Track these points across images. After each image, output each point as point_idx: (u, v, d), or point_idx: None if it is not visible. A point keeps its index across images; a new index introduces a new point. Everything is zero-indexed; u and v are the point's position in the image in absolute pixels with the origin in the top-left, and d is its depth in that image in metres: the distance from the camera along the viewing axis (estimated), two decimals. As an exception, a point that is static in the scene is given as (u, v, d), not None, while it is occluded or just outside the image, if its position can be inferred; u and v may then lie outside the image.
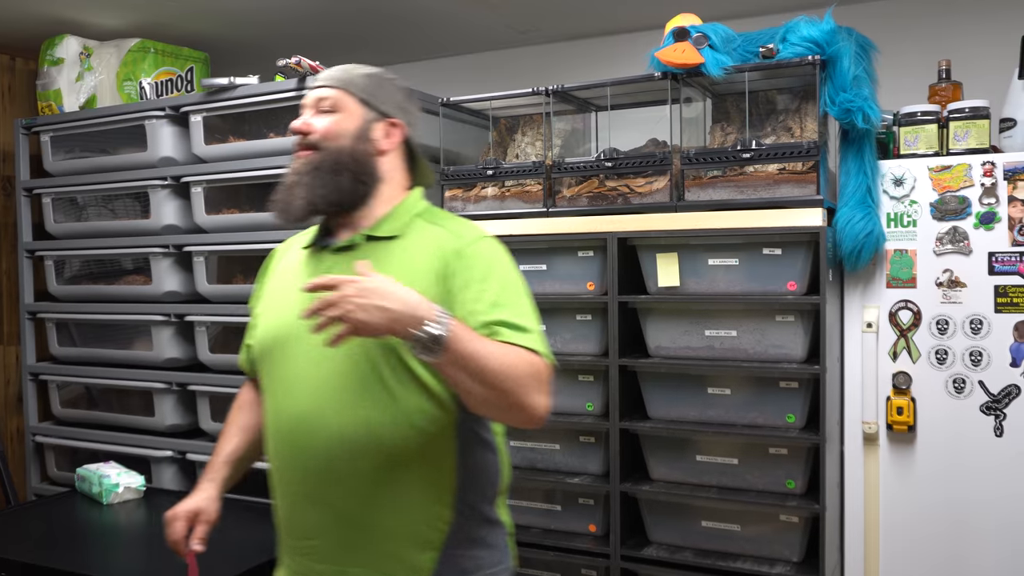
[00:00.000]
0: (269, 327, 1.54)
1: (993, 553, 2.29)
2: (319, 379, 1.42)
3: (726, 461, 2.43)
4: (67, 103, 3.37)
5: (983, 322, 2.29)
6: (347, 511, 1.41)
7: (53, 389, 3.39)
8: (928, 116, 2.40)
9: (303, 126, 1.54)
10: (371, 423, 1.39)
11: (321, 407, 1.41)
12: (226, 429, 1.70)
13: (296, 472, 1.45)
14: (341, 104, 1.54)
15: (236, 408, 1.72)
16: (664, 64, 2.41)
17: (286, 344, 1.47)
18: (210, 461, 1.68)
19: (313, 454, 1.42)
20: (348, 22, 3.31)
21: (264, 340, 1.54)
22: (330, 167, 1.50)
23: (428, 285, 1.40)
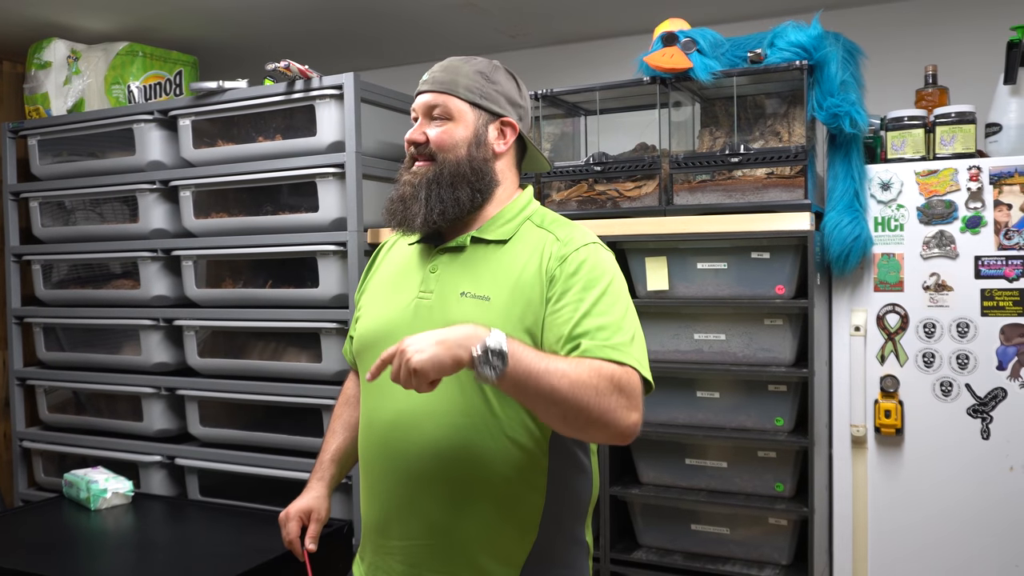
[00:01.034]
0: (371, 322, 1.52)
1: (981, 555, 2.30)
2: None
3: (715, 464, 2.44)
4: (55, 107, 3.35)
5: (970, 325, 2.30)
6: (433, 518, 1.40)
7: (41, 394, 3.37)
8: (915, 121, 2.41)
9: (417, 135, 1.49)
10: (466, 432, 1.37)
11: (416, 412, 1.40)
12: (332, 425, 1.72)
13: (387, 474, 1.44)
14: (453, 110, 1.48)
15: (341, 403, 1.74)
16: (653, 69, 2.42)
17: (386, 341, 1.37)
18: (318, 459, 1.70)
19: (405, 458, 1.41)
20: (337, 26, 3.31)
21: (365, 335, 1.52)
22: (449, 180, 1.46)
23: (530, 291, 1.39)
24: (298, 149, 2.75)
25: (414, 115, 1.54)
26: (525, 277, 1.41)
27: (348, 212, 2.67)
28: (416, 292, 1.48)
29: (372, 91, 2.76)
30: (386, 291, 1.55)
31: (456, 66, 1.52)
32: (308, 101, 2.71)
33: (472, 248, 1.48)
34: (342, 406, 1.74)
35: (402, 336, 1.25)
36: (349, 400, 1.73)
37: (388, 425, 1.44)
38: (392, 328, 1.45)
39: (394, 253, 1.61)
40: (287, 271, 2.86)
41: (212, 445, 2.98)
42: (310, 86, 2.69)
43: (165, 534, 2.55)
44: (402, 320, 1.45)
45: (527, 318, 1.38)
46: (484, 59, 1.56)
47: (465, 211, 1.47)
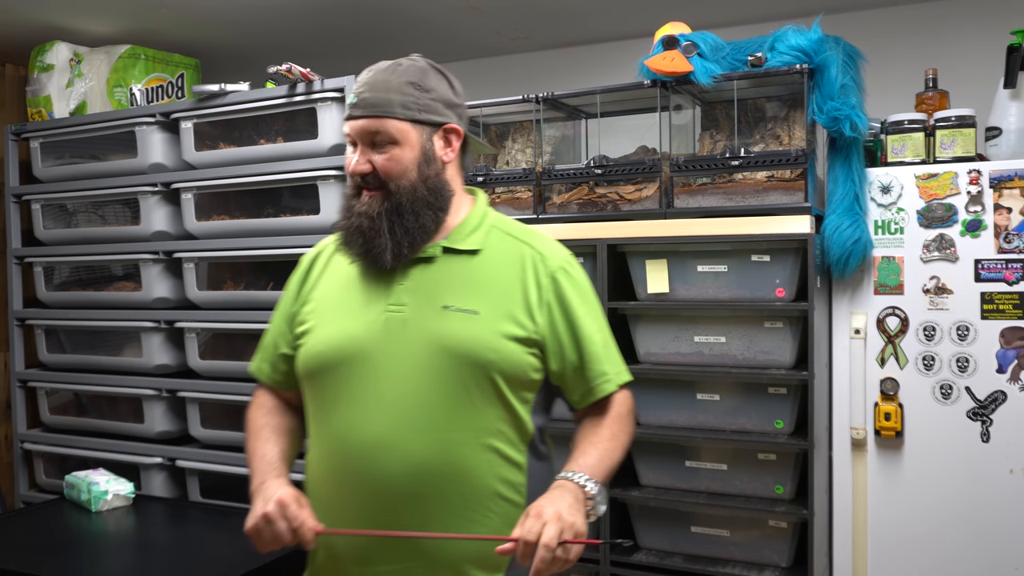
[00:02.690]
0: (331, 339, 1.42)
1: (980, 558, 2.30)
2: (401, 400, 1.36)
3: (715, 467, 2.44)
4: (57, 109, 3.36)
5: (969, 328, 2.30)
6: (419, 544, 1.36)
7: (42, 396, 3.37)
8: (915, 124, 2.42)
9: (363, 166, 1.41)
10: (453, 447, 1.36)
11: (400, 431, 1.35)
12: (260, 432, 1.52)
13: (367, 498, 1.36)
14: (394, 132, 1.40)
15: (264, 412, 1.56)
16: (654, 72, 2.42)
17: (357, 361, 1.37)
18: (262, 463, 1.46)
19: (387, 479, 1.35)
20: (339, 30, 3.32)
21: (325, 353, 1.42)
22: (409, 208, 1.41)
23: (515, 305, 1.42)
24: (300, 152, 2.75)
25: (349, 139, 1.43)
26: (511, 291, 1.43)
27: (349, 214, 2.67)
28: (384, 305, 1.41)
29: (373, 94, 2.76)
30: (341, 304, 1.46)
31: (385, 81, 1.41)
32: (310, 104, 2.72)
33: (444, 258, 1.45)
34: (266, 415, 1.56)
35: (374, 353, 1.36)
36: (273, 409, 1.57)
37: (368, 446, 1.36)
38: (361, 345, 1.39)
39: (338, 262, 1.51)
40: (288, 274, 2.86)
41: (213, 447, 2.98)
42: (311, 89, 2.70)
43: (166, 536, 2.55)
44: (371, 335, 1.39)
45: (512, 329, 1.41)
46: (410, 63, 1.45)
47: (431, 234, 1.44)
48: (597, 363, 1.47)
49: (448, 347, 1.37)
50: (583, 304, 1.47)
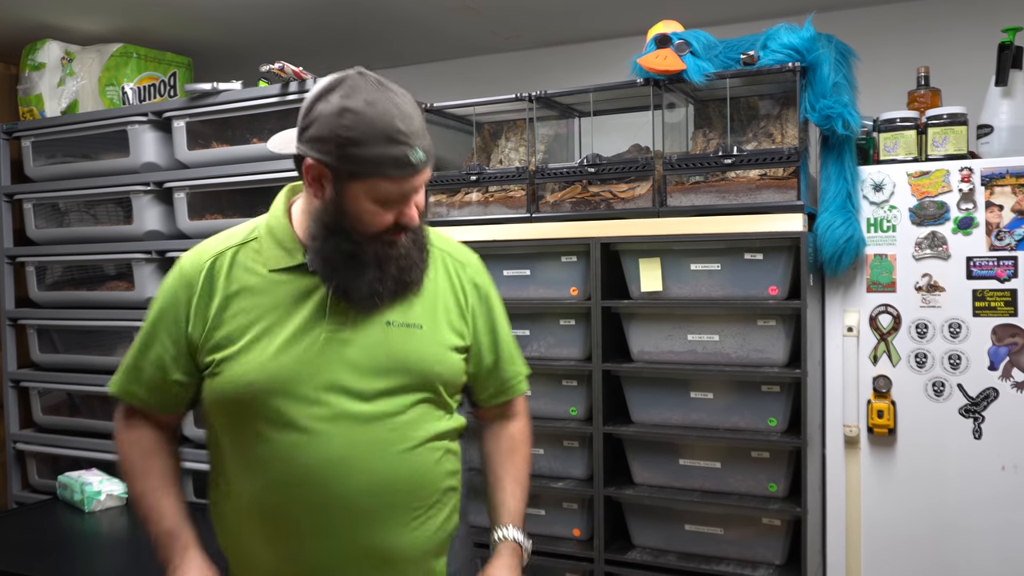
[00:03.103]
0: (269, 366, 1.33)
1: (973, 554, 2.31)
2: (355, 414, 1.33)
3: (709, 465, 2.44)
4: (49, 108, 3.35)
5: (961, 326, 2.31)
6: (381, 543, 1.36)
7: (34, 396, 3.36)
8: (907, 122, 2.42)
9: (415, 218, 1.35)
10: (412, 457, 1.38)
11: (358, 448, 1.33)
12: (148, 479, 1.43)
13: (325, 519, 1.33)
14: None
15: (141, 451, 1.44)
16: (646, 70, 2.42)
17: (298, 383, 1.32)
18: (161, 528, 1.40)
19: (349, 497, 1.33)
20: (332, 27, 3.31)
21: (262, 381, 1.32)
22: (424, 235, 1.42)
23: (450, 313, 1.47)
24: (292, 150, 2.74)
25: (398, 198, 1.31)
26: (445, 300, 1.47)
27: (342, 213, 2.67)
28: (323, 325, 1.34)
29: (366, 93, 2.76)
30: (271, 326, 1.35)
31: (420, 117, 1.33)
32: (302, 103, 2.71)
33: None
34: (146, 455, 1.44)
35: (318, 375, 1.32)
36: (152, 446, 1.45)
37: (325, 467, 1.32)
38: (302, 367, 1.32)
39: (243, 276, 1.38)
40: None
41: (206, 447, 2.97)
42: (304, 88, 2.70)
43: (159, 536, 2.55)
44: (311, 356, 1.33)
45: (453, 340, 1.46)
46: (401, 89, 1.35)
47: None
48: (512, 364, 1.58)
49: (395, 363, 1.37)
50: (499, 306, 1.57)
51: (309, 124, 1.29)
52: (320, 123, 1.28)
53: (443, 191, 2.79)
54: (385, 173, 1.27)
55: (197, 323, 1.38)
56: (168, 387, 1.41)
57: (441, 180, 2.75)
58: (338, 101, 1.27)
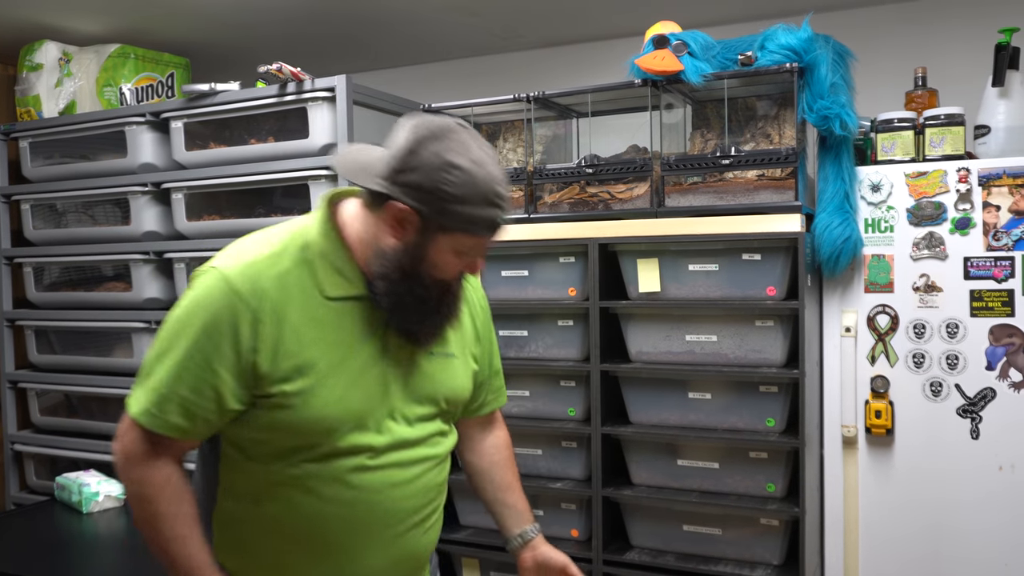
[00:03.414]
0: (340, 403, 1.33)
1: (970, 554, 2.31)
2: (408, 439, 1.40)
3: (707, 465, 2.45)
4: (46, 109, 3.35)
5: (959, 326, 2.32)
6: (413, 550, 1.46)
7: (32, 397, 3.36)
8: (904, 123, 2.43)
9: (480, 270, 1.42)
10: (445, 468, 1.51)
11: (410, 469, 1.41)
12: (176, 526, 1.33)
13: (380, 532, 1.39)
14: None
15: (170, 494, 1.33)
16: (644, 71, 2.42)
17: (366, 413, 1.35)
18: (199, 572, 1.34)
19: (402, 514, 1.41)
20: (330, 28, 3.31)
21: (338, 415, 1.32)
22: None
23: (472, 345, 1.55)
24: (290, 151, 2.75)
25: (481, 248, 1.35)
26: (466, 325, 1.54)
27: (340, 214, 2.67)
28: (382, 356, 1.37)
29: (364, 94, 2.76)
30: (338, 360, 1.33)
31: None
32: (300, 103, 2.71)
33: None
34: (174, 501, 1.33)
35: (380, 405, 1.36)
36: (183, 491, 1.35)
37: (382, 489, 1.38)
38: (370, 400, 1.36)
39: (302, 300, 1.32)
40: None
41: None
42: (302, 88, 2.70)
43: (157, 537, 2.55)
44: (377, 390, 1.37)
45: (473, 365, 1.55)
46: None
47: None
48: (498, 378, 1.66)
49: (440, 393, 1.45)
50: (492, 326, 1.64)
51: (407, 169, 1.26)
52: (422, 172, 1.25)
53: (441, 192, 2.79)
54: (475, 232, 1.30)
55: (263, 351, 1.28)
56: (222, 415, 1.31)
57: (439, 181, 2.75)
58: (444, 154, 1.25)
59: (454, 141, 1.27)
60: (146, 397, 1.31)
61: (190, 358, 1.28)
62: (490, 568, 2.69)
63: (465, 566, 2.72)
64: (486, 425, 1.68)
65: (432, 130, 1.27)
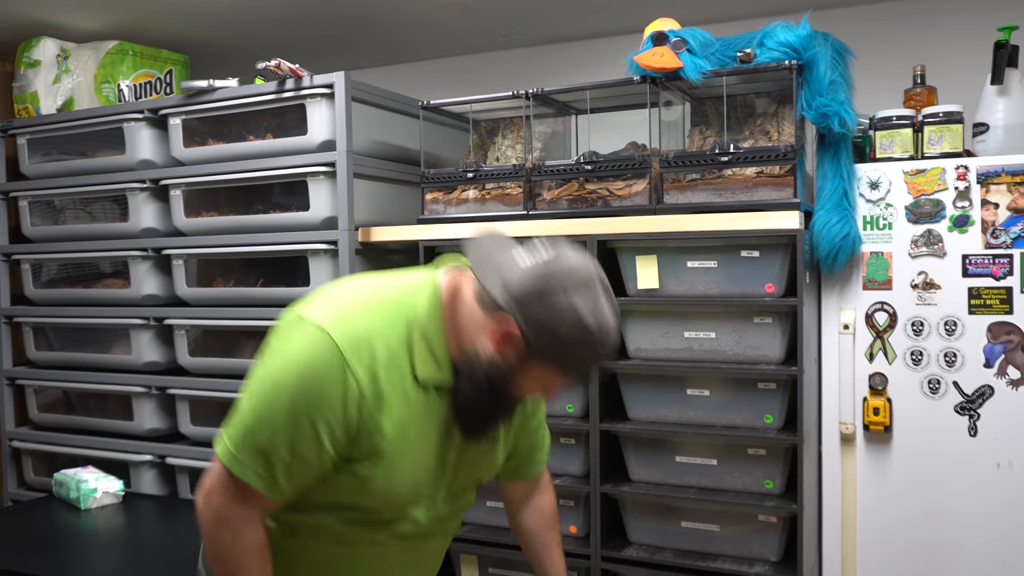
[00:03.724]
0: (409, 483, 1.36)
1: (968, 551, 2.32)
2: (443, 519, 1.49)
3: (705, 462, 2.45)
4: (44, 105, 3.34)
5: (957, 323, 2.32)
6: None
7: (30, 394, 3.36)
8: (903, 120, 2.43)
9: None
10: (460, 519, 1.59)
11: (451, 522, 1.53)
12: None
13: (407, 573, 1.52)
14: None
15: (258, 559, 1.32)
16: (643, 68, 2.42)
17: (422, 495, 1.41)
18: None
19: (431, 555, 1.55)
20: (328, 25, 3.31)
21: (402, 494, 1.36)
22: None
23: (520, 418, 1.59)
24: (289, 148, 2.75)
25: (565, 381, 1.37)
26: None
27: (339, 211, 2.67)
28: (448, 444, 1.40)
29: (363, 90, 2.76)
30: (415, 440, 1.35)
31: None
32: (299, 100, 2.71)
33: None
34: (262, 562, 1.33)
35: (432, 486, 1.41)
36: (267, 553, 1.35)
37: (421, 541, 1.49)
38: (433, 481, 1.41)
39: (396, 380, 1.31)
40: (278, 270, 2.86)
41: (203, 444, 2.97)
42: (301, 85, 2.69)
43: (155, 534, 2.55)
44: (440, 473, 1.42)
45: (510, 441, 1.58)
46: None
47: None
48: (541, 451, 1.69)
49: (480, 476, 1.53)
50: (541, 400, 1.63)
51: (536, 302, 1.24)
52: (550, 313, 1.24)
53: (440, 189, 2.79)
54: (570, 373, 1.33)
55: (359, 422, 1.28)
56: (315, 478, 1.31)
57: (438, 177, 2.75)
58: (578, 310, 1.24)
59: (589, 299, 1.25)
60: (247, 453, 1.28)
61: (296, 424, 1.25)
62: (488, 564, 2.70)
63: (464, 562, 2.72)
64: (534, 489, 1.72)
65: (575, 279, 1.25)
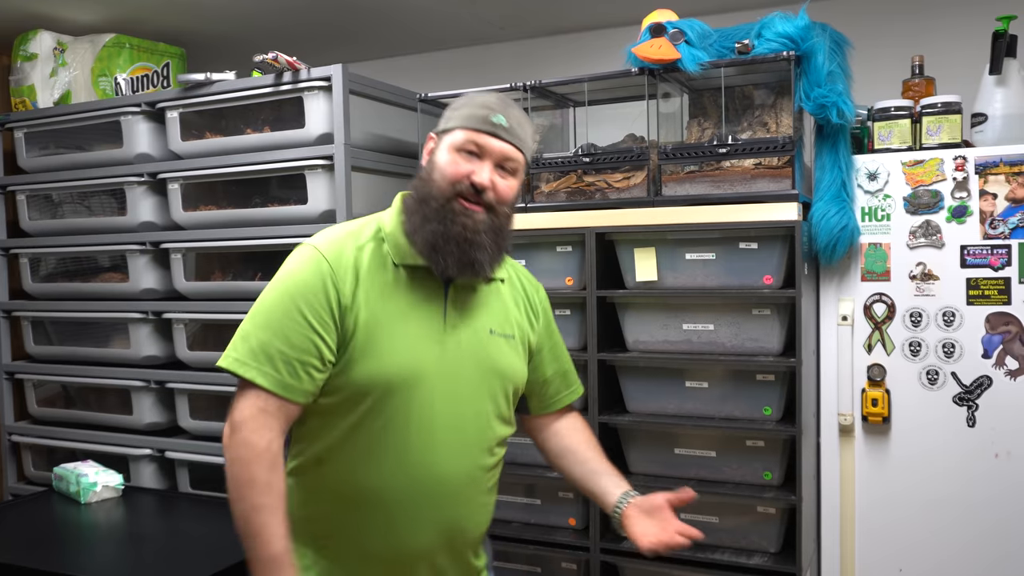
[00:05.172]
0: (400, 361, 1.45)
1: (965, 540, 2.32)
2: (460, 416, 1.51)
3: (704, 454, 2.45)
4: (41, 99, 3.33)
5: (955, 314, 2.32)
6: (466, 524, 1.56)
7: (29, 388, 3.36)
8: (901, 111, 2.43)
9: (485, 179, 1.47)
10: (495, 449, 1.59)
11: (463, 441, 1.52)
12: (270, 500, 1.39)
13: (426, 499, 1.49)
14: (520, 166, 1.54)
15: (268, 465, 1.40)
16: (641, 60, 2.42)
17: (424, 378, 1.46)
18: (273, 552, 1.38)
19: (447, 481, 1.50)
20: (325, 17, 3.30)
21: (394, 372, 1.44)
22: (505, 233, 1.54)
23: (527, 326, 1.66)
24: (287, 141, 2.74)
25: (474, 149, 1.48)
26: (523, 315, 1.66)
27: (337, 204, 2.67)
28: (442, 327, 1.51)
29: (361, 83, 2.76)
30: (400, 321, 1.47)
31: (526, 122, 1.55)
32: (296, 93, 2.70)
33: (484, 286, 1.60)
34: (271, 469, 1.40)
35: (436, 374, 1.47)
36: (278, 462, 1.42)
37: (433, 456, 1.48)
38: (427, 366, 1.47)
39: (375, 268, 1.49)
40: (277, 264, 2.82)
41: (202, 438, 2.98)
42: (298, 78, 2.69)
43: (155, 527, 2.55)
44: (436, 356, 1.49)
45: (527, 350, 1.67)
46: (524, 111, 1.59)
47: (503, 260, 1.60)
48: (570, 374, 1.79)
49: (496, 369, 1.56)
50: (556, 327, 1.78)
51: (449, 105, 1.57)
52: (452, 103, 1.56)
53: (438, 181, 2.79)
54: (467, 126, 1.48)
55: (346, 303, 1.45)
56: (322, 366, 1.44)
57: (436, 170, 2.74)
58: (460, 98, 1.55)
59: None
60: (248, 357, 1.43)
61: (288, 316, 1.43)
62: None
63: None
64: (560, 416, 1.79)
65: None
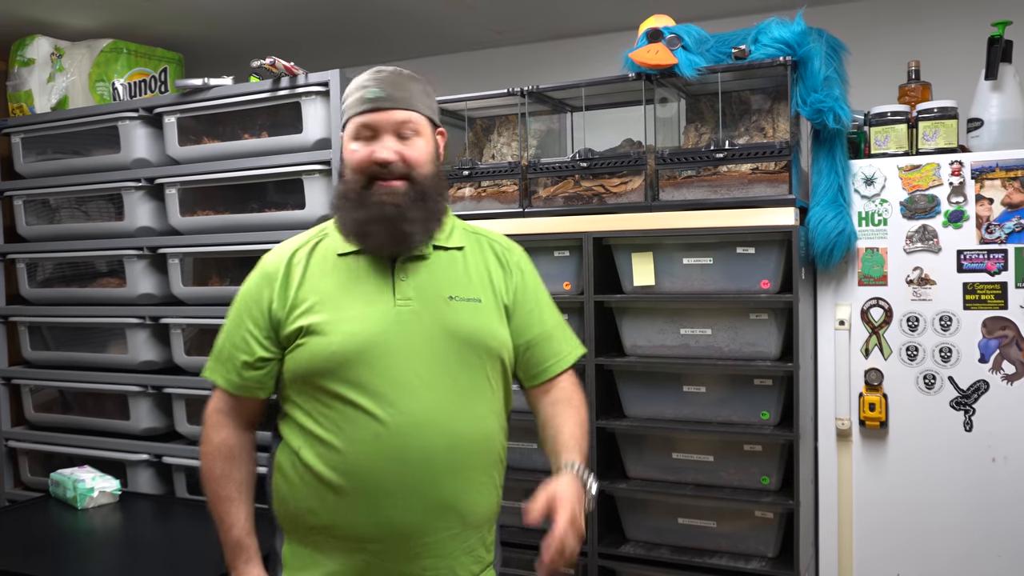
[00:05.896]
0: (348, 336, 1.47)
1: (962, 545, 2.32)
2: (430, 385, 1.48)
3: (702, 458, 2.45)
4: (38, 104, 3.33)
5: (952, 319, 2.32)
6: (456, 501, 1.50)
7: (26, 393, 3.35)
8: (898, 116, 2.43)
9: (388, 154, 1.49)
10: (481, 420, 1.53)
11: (438, 410, 1.48)
12: (224, 490, 1.56)
13: (409, 474, 1.46)
14: (420, 125, 1.54)
15: (223, 458, 1.57)
16: (638, 65, 2.42)
17: (376, 350, 1.47)
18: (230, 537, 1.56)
19: (430, 454, 1.46)
20: (323, 23, 3.30)
21: (342, 351, 1.47)
22: (432, 194, 1.53)
23: (500, 290, 1.61)
24: (284, 146, 2.74)
25: (366, 132, 1.52)
26: (494, 278, 1.61)
27: (335, 209, 2.67)
28: (391, 300, 1.51)
29: (358, 88, 2.75)
30: (344, 301, 1.51)
31: (405, 80, 1.56)
32: (294, 98, 2.71)
33: (435, 255, 1.57)
34: (226, 462, 1.57)
35: (392, 345, 1.46)
36: (235, 455, 1.58)
37: (409, 428, 1.45)
38: (381, 337, 1.47)
39: (318, 263, 1.56)
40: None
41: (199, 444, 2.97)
42: (296, 83, 2.69)
43: (152, 533, 2.55)
44: (386, 328, 1.48)
45: (503, 313, 1.61)
46: (410, 71, 1.62)
47: (440, 220, 1.58)
48: (554, 341, 1.66)
49: (463, 335, 1.52)
50: (542, 288, 1.70)
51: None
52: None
53: (435, 186, 2.79)
54: (352, 113, 1.53)
55: (279, 303, 1.53)
56: (256, 365, 1.54)
57: (433, 175, 2.75)
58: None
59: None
60: (210, 361, 1.61)
61: (233, 322, 1.57)
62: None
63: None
64: (550, 387, 1.67)
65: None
